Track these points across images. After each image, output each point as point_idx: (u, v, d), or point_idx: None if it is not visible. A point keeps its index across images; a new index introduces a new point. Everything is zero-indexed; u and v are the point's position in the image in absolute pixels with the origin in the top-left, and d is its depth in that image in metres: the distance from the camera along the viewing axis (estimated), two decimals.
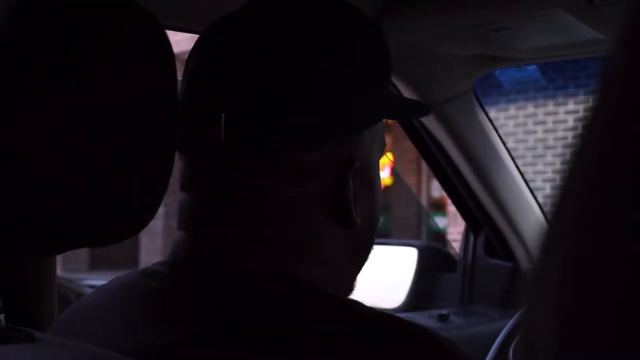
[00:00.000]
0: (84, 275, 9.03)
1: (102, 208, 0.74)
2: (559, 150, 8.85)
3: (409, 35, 1.55)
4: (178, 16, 1.32)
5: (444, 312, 2.09)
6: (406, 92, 1.79)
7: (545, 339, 0.26)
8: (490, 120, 2.03)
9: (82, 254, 11.45)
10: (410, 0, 1.47)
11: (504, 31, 1.51)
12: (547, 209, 2.14)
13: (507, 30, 1.50)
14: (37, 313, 1.21)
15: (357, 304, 0.78)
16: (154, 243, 11.15)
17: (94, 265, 11.63)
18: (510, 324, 1.58)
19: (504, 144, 2.07)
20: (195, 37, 0.88)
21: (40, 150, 0.69)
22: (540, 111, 8.98)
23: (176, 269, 0.83)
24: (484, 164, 2.04)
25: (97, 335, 0.82)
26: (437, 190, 9.71)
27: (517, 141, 9.02)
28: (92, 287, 6.22)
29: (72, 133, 0.70)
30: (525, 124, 9.12)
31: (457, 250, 2.40)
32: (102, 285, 0.91)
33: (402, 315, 2.12)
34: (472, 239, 2.26)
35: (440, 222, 10.41)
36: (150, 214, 0.78)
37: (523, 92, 8.79)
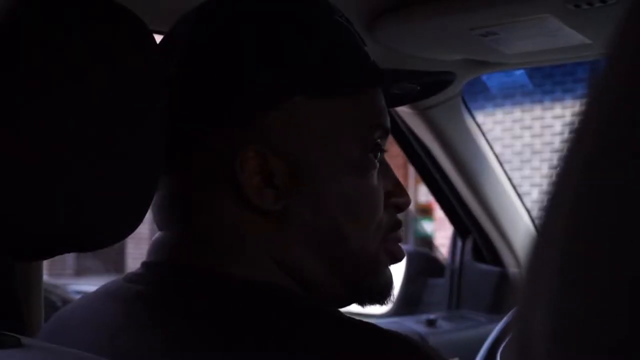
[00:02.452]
0: (70, 281, 9.00)
1: (90, 212, 0.74)
2: (546, 155, 8.88)
3: (397, 40, 1.55)
4: (165, 19, 1.31)
5: (432, 316, 2.10)
6: None
7: (539, 340, 0.26)
8: (478, 125, 2.03)
9: (68, 260, 11.42)
10: (398, 6, 1.47)
11: (491, 36, 1.51)
12: (534, 213, 2.14)
13: (495, 35, 1.50)
14: (24, 318, 1.21)
15: (333, 313, 0.77)
16: (140, 248, 11.13)
17: (80, 271, 11.59)
18: (498, 328, 1.59)
19: (492, 148, 2.08)
20: None
21: (27, 155, 0.69)
22: (527, 116, 9.01)
23: (155, 272, 0.83)
24: (471, 168, 2.05)
25: (83, 341, 0.82)
26: (424, 195, 9.71)
27: (504, 146, 9.05)
28: (78, 292, 6.22)
29: (59, 137, 0.70)
30: (512, 129, 9.15)
31: (445, 255, 2.40)
32: (89, 292, 0.91)
33: (390, 320, 2.12)
34: (460, 244, 2.27)
35: (427, 227, 10.43)
36: (139, 218, 0.78)
37: (510, 96, 8.82)
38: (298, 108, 0.81)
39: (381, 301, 0.88)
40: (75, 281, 8.69)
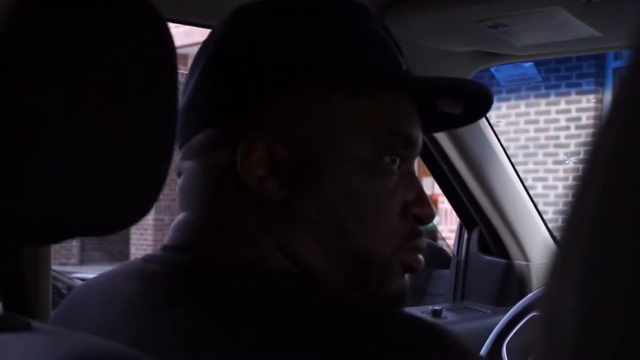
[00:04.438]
0: (74, 269, 9.02)
1: (101, 198, 0.74)
2: (550, 149, 8.87)
3: (406, 32, 1.55)
4: (180, 9, 1.31)
5: (437, 307, 2.09)
6: None
7: (568, 319, 0.26)
8: (486, 118, 2.03)
9: (73, 248, 11.44)
10: None
11: (501, 28, 1.51)
12: (540, 207, 2.14)
13: (505, 27, 1.50)
14: (32, 304, 1.21)
15: (355, 299, 0.78)
16: (145, 237, 11.16)
17: (85, 259, 11.62)
18: (504, 319, 1.59)
19: (500, 141, 2.08)
20: (190, 30, 0.90)
21: (38, 139, 0.69)
22: (531, 110, 9.00)
23: (172, 253, 0.84)
24: (479, 161, 2.04)
25: (98, 318, 0.84)
26: (428, 188, 9.70)
27: (509, 140, 9.03)
28: (82, 279, 6.23)
29: (71, 123, 0.70)
30: (516, 123, 9.14)
31: (449, 247, 2.40)
32: (106, 271, 0.93)
33: None
34: (465, 235, 2.27)
35: None
36: (149, 204, 0.78)
37: (515, 90, 8.79)
38: (309, 102, 0.82)
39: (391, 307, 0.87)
40: (79, 269, 8.70)
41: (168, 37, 0.77)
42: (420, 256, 0.89)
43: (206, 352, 0.73)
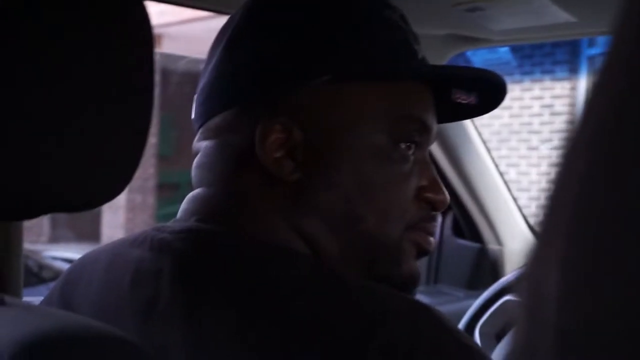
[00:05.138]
0: (45, 247, 8.97)
1: (76, 174, 0.74)
2: (524, 135, 8.92)
3: None
4: None
5: None
6: None
7: (550, 299, 0.26)
8: None
9: (44, 226, 11.38)
10: None
11: (478, 12, 1.51)
12: (513, 192, 2.15)
13: (482, 10, 1.50)
14: (4, 279, 1.21)
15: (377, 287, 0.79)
16: (117, 217, 11.11)
17: (55, 238, 11.56)
18: (477, 303, 1.60)
19: (474, 125, 2.08)
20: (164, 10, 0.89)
21: (16, 114, 0.69)
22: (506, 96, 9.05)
23: (183, 225, 0.85)
24: (453, 144, 2.05)
25: (104, 282, 0.87)
26: None
27: (483, 125, 9.08)
28: (54, 258, 6.21)
29: (49, 98, 0.70)
30: None
31: None
32: (111, 241, 0.95)
33: None
34: (440, 219, 2.28)
35: None
36: (123, 183, 0.78)
37: None
38: (327, 88, 0.84)
39: (403, 291, 0.88)
40: (50, 247, 8.66)
41: (146, 17, 0.77)
42: (431, 238, 0.91)
43: (219, 328, 0.74)
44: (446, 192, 0.90)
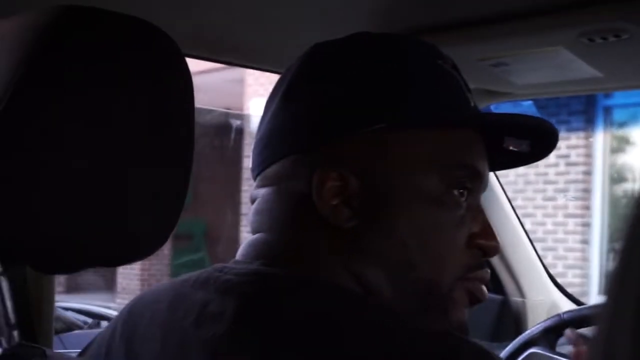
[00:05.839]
0: (60, 298, 8.94)
1: (117, 228, 0.74)
2: (540, 185, 8.88)
3: None
4: (199, 45, 1.33)
5: None
6: None
7: (624, 337, 0.26)
8: None
9: (60, 276, 11.34)
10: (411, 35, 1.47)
11: (502, 67, 1.52)
12: (535, 244, 2.14)
13: (506, 65, 1.51)
14: (37, 331, 1.22)
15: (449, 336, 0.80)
16: (132, 266, 11.07)
17: (71, 288, 11.52)
18: (501, 355, 1.59)
19: (497, 178, 2.09)
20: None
21: (57, 168, 0.70)
22: None
23: (245, 267, 0.87)
24: None
25: (165, 321, 0.87)
26: None
27: (499, 176, 9.05)
28: (66, 309, 6.19)
29: (90, 155, 0.71)
30: None
31: None
32: (171, 280, 0.95)
33: None
34: None
35: None
36: (165, 235, 0.79)
37: None
38: (382, 137, 0.85)
39: None
40: (65, 298, 8.62)
41: (186, 71, 0.78)
42: (484, 287, 0.91)
43: None
44: (498, 239, 0.90)
